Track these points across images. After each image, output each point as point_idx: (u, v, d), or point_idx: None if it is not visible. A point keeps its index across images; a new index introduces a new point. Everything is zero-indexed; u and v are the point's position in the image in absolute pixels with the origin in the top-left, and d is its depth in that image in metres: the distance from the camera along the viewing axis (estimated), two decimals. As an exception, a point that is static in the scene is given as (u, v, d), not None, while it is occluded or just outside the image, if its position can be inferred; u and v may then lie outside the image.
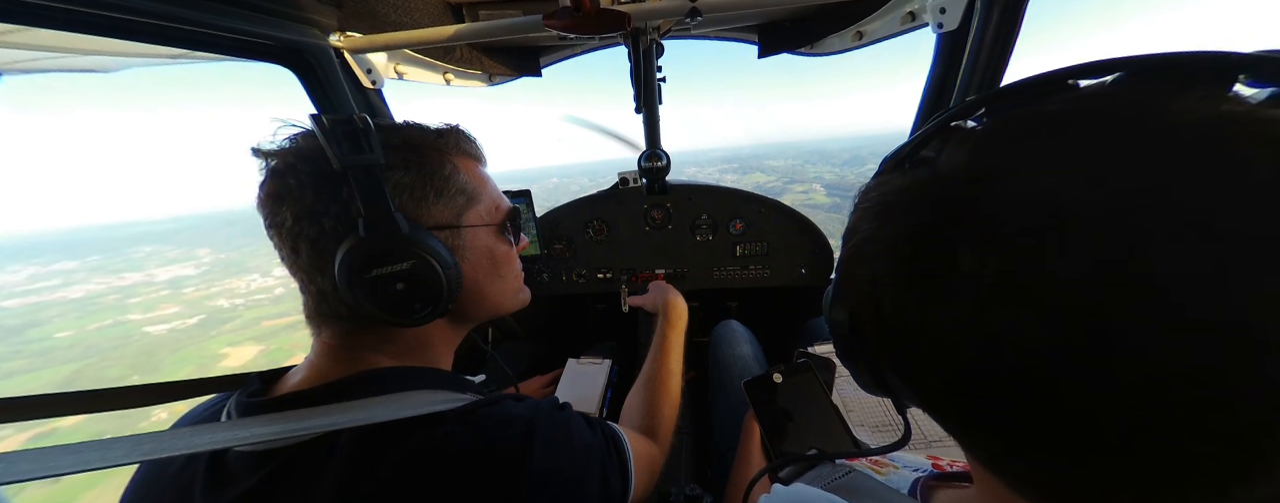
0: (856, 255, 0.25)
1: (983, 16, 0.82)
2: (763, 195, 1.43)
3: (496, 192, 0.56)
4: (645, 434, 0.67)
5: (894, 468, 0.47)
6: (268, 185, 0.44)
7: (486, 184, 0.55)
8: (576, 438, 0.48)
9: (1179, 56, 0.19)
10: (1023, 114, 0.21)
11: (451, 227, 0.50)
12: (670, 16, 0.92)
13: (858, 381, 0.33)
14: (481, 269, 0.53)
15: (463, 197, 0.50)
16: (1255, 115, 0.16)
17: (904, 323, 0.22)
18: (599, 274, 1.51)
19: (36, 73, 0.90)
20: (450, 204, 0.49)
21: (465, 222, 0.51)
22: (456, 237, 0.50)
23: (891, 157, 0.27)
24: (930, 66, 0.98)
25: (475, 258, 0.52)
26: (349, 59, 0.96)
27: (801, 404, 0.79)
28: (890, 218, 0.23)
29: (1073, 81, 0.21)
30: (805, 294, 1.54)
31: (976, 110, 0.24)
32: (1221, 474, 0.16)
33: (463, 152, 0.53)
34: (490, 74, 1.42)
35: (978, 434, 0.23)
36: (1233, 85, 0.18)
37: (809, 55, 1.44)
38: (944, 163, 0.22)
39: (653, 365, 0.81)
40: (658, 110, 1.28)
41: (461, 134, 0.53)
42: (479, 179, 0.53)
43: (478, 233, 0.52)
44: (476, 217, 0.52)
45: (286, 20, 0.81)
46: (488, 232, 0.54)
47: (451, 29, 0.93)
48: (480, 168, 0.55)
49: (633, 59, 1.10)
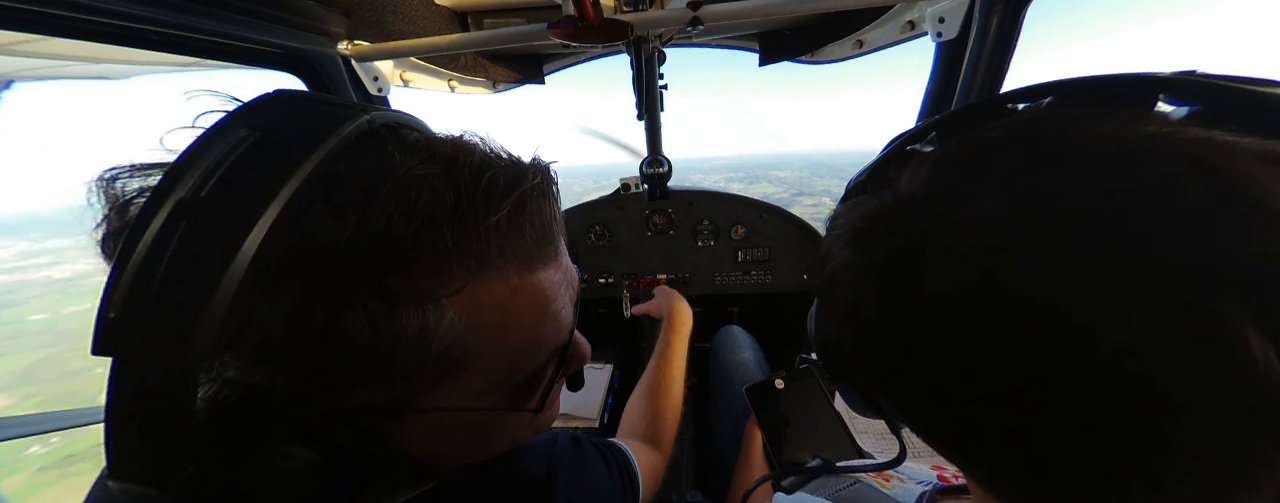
0: (833, 281, 0.26)
1: (981, 25, 0.83)
2: (764, 201, 1.44)
3: (550, 313, 0.32)
4: (647, 442, 0.67)
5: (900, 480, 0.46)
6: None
7: (531, 310, 0.31)
8: (597, 484, 0.44)
9: (1103, 79, 0.20)
10: (965, 141, 0.22)
11: (387, 411, 0.29)
12: (672, 26, 0.93)
13: (849, 402, 0.33)
14: (449, 445, 0.34)
15: (441, 365, 0.27)
16: (1178, 135, 0.17)
17: (885, 346, 0.23)
18: (601, 279, 1.51)
19: (48, 80, 0.92)
20: (397, 382, 0.27)
21: (433, 403, 0.29)
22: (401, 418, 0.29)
23: (857, 180, 0.28)
24: (929, 75, 0.99)
25: (430, 440, 0.32)
26: (355, 67, 0.97)
27: (804, 411, 0.79)
28: (862, 244, 0.24)
29: (1010, 106, 0.22)
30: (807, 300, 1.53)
31: (928, 135, 0.25)
32: (1199, 489, 0.17)
33: (507, 253, 0.28)
34: (494, 81, 1.43)
35: (967, 455, 0.23)
36: (1154, 105, 0.19)
37: (810, 63, 1.45)
38: (903, 188, 0.22)
39: (655, 372, 0.81)
40: (659, 117, 1.29)
41: (532, 202, 0.29)
42: (517, 309, 0.30)
43: (456, 413, 0.31)
44: (462, 389, 0.30)
45: (295, 29, 0.82)
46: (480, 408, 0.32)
47: (457, 37, 0.95)
48: (549, 275, 0.31)
49: (635, 67, 1.12)
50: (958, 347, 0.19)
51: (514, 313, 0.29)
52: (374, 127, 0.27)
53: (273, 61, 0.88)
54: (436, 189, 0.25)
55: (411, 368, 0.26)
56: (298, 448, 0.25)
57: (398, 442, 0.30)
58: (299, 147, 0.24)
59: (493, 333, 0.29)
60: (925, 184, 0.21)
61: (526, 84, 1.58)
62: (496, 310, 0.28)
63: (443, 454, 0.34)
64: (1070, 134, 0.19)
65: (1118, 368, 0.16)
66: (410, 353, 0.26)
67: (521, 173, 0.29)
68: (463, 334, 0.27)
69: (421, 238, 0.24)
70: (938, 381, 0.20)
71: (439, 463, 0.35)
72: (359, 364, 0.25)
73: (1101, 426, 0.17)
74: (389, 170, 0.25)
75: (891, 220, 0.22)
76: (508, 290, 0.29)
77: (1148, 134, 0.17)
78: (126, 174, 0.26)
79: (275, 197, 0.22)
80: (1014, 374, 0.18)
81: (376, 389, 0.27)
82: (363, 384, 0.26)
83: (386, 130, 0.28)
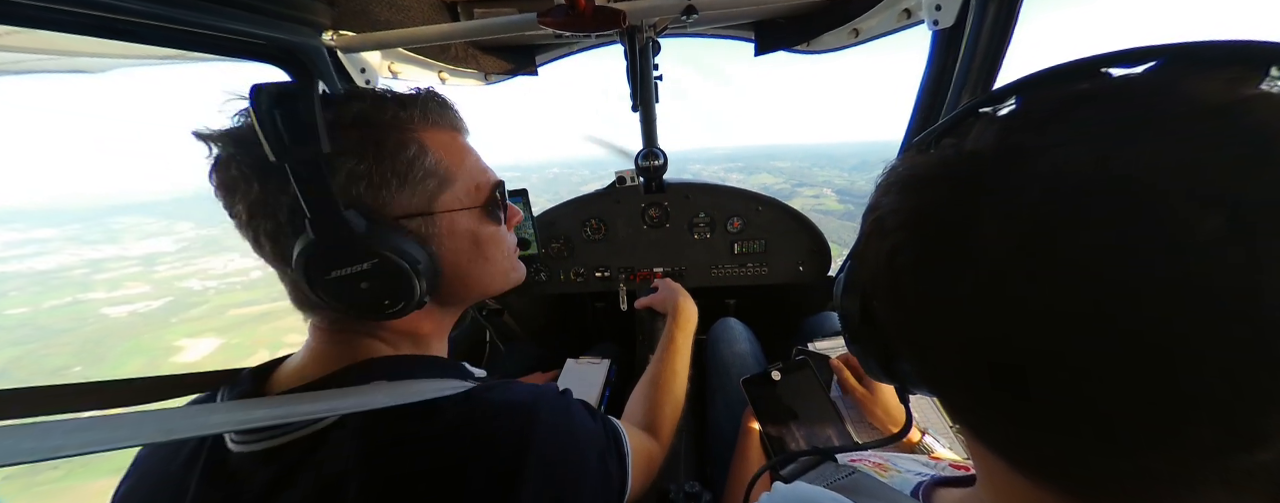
0: (876, 230, 0.25)
1: (978, 13, 0.82)
2: (760, 193, 1.43)
3: (478, 165, 0.51)
4: (646, 431, 0.67)
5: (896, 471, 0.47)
6: (215, 176, 0.41)
7: (465, 159, 0.49)
8: (578, 424, 0.48)
9: (1216, 45, 0.19)
10: (1052, 94, 0.21)
11: (423, 214, 0.45)
12: (666, 14, 0.91)
13: (864, 365, 0.33)
14: (464, 254, 0.49)
15: (433, 179, 0.45)
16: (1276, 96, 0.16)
17: (922, 296, 0.22)
18: (597, 273, 1.51)
19: (25, 74, 0.89)
20: (419, 190, 0.44)
21: (439, 207, 0.46)
22: (430, 224, 0.46)
23: (918, 140, 0.27)
24: (926, 64, 0.98)
25: (455, 244, 0.48)
26: (342, 58, 0.95)
27: (800, 402, 0.80)
28: (915, 190, 0.23)
29: (1105, 68, 0.21)
30: (803, 292, 1.54)
31: (1007, 98, 0.23)
32: (1233, 444, 0.16)
33: (433, 123, 0.47)
34: (486, 72, 1.41)
35: (990, 416, 0.23)
36: (1265, 75, 0.18)
37: (806, 53, 1.43)
38: (972, 140, 0.22)
39: (658, 365, 0.81)
40: (654, 108, 1.27)
41: (432, 101, 0.47)
42: (455, 155, 0.48)
43: (456, 217, 0.47)
44: (454, 199, 0.47)
45: (278, 19, 0.80)
46: (469, 214, 0.49)
47: (446, 27, 0.93)
48: (460, 139, 0.50)
49: (629, 57, 1.10)
50: (1008, 295, 0.18)
51: (457, 152, 0.49)
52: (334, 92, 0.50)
53: (255, 53, 0.86)
54: (395, 98, 0.46)
55: (423, 175, 0.45)
56: (389, 250, 0.42)
57: (437, 245, 0.46)
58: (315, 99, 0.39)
59: (454, 158, 0.48)
60: (997, 136, 0.21)
61: (519, 75, 1.55)
62: (447, 148, 0.47)
63: (462, 265, 0.49)
64: (1165, 89, 0.18)
65: (1199, 324, 0.15)
66: (418, 164, 0.44)
67: (425, 97, 0.48)
68: (439, 157, 0.46)
69: (401, 112, 0.45)
70: (975, 329, 0.20)
71: (462, 279, 0.50)
72: (400, 175, 0.43)
73: (1154, 378, 0.16)
74: (377, 100, 0.46)
75: (953, 169, 0.22)
76: (448, 138, 0.48)
77: (1251, 95, 0.17)
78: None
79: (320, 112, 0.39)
80: (1063, 326, 0.17)
81: (413, 193, 0.45)
82: (405, 187, 0.44)
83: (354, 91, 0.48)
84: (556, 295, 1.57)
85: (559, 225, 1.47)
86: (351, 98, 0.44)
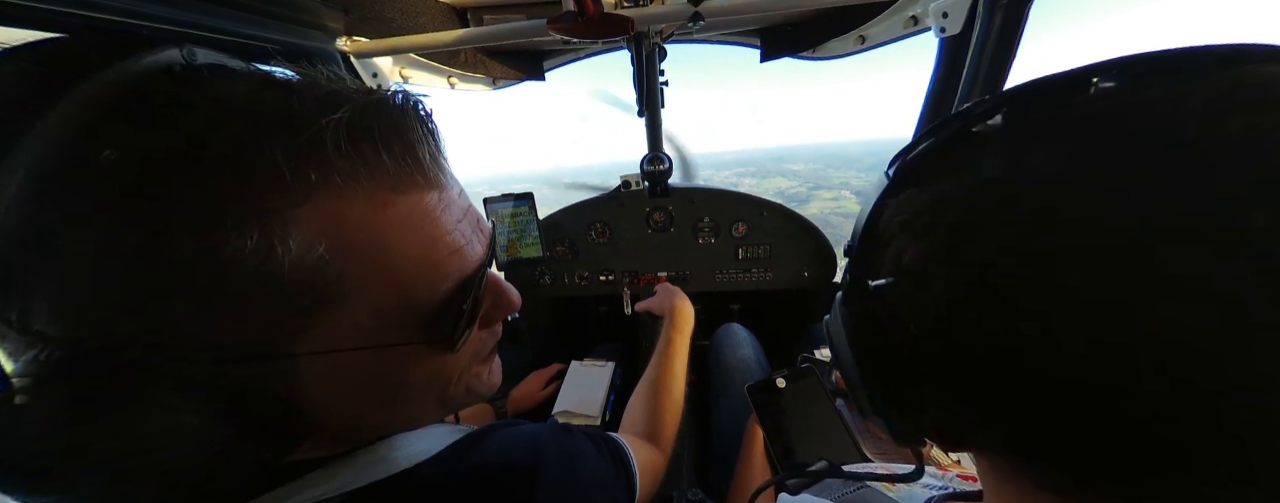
0: (913, 274, 0.22)
1: (985, 21, 0.82)
2: (765, 198, 1.44)
3: (429, 253, 0.30)
4: (648, 440, 0.67)
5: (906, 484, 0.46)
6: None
7: (403, 244, 0.28)
8: (589, 475, 0.41)
9: (1175, 53, 0.18)
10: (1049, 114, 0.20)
11: (263, 357, 0.25)
12: (672, 21, 0.92)
13: (870, 407, 0.28)
14: (361, 399, 0.31)
15: (308, 295, 0.25)
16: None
17: (991, 305, 0.20)
18: (601, 276, 1.51)
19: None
20: (262, 313, 0.24)
21: (304, 346, 0.26)
22: (279, 368, 0.26)
23: (943, 126, 0.25)
24: (933, 71, 0.98)
25: (338, 387, 0.29)
26: (355, 63, 0.97)
27: (805, 409, 0.79)
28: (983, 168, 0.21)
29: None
30: (808, 297, 1.54)
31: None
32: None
33: (352, 177, 0.25)
34: (494, 77, 1.43)
35: (1047, 454, 0.20)
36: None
37: (812, 59, 1.44)
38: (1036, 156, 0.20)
39: (656, 370, 0.81)
40: (660, 113, 1.28)
41: (368, 119, 0.26)
42: (383, 238, 0.27)
43: (343, 358, 0.27)
44: (345, 326, 0.27)
45: (293, 24, 0.82)
46: (379, 352, 0.29)
47: (456, 33, 0.94)
48: (415, 202, 0.29)
49: (635, 63, 1.11)
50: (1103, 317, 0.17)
51: (391, 235, 0.27)
52: (191, 60, 0.25)
53: (270, 59, 0.88)
54: (259, 100, 0.24)
55: (268, 297, 0.23)
56: (166, 407, 0.22)
57: (287, 392, 0.26)
58: (86, 72, 0.22)
59: (368, 256, 0.26)
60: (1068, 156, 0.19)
61: (527, 81, 1.57)
62: (364, 231, 0.26)
63: (355, 409, 0.31)
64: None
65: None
66: (259, 277, 0.23)
67: (370, 92, 0.27)
68: (327, 256, 0.24)
69: (245, 150, 0.22)
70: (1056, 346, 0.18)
71: (359, 421, 0.32)
72: (203, 295, 0.22)
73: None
74: (206, 89, 0.24)
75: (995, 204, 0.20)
76: (373, 209, 0.26)
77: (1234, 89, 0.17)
78: None
79: (41, 119, 0.20)
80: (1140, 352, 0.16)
81: (235, 326, 0.23)
82: (219, 320, 0.23)
83: (214, 67, 0.26)
84: (560, 298, 1.58)
85: (564, 228, 1.47)
86: (187, 87, 0.24)
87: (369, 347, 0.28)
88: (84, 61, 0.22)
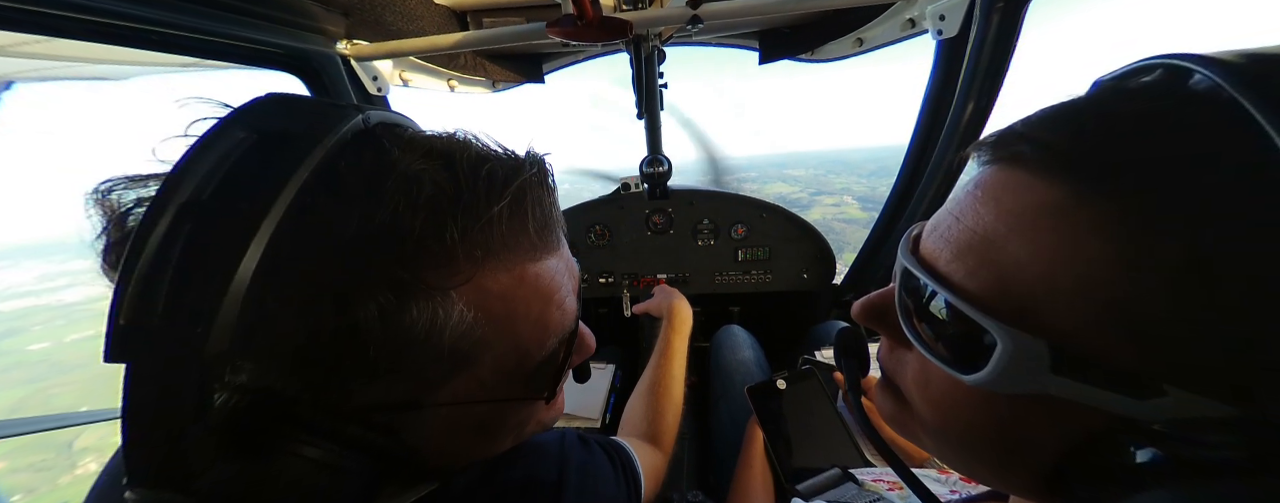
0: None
1: (982, 23, 0.82)
2: (764, 200, 1.44)
3: (542, 314, 0.32)
4: (648, 441, 0.67)
5: None
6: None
7: (525, 308, 0.30)
8: (603, 493, 0.44)
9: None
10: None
11: (403, 407, 0.28)
12: (671, 24, 0.93)
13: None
14: (460, 442, 0.33)
15: (445, 362, 0.28)
16: None
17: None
18: (601, 279, 1.51)
19: (50, 81, 0.92)
20: (407, 378, 0.27)
21: (439, 398, 0.29)
22: (410, 418, 0.29)
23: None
24: (930, 73, 0.99)
25: (445, 439, 0.32)
26: (355, 66, 0.97)
27: (806, 412, 0.79)
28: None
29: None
30: (808, 299, 1.54)
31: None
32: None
33: (501, 249, 0.28)
34: (494, 80, 1.43)
35: None
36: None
37: (810, 62, 1.45)
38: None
39: (655, 371, 0.81)
40: (659, 116, 1.28)
41: (532, 193, 0.29)
42: (510, 306, 0.29)
43: (463, 410, 0.31)
44: (470, 385, 0.30)
45: (295, 29, 0.82)
46: (491, 406, 0.32)
47: (456, 37, 0.95)
48: (533, 268, 0.30)
49: (635, 66, 1.11)
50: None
51: (520, 301, 0.30)
52: (369, 125, 0.28)
53: (271, 62, 0.88)
54: (437, 182, 0.25)
55: (424, 361, 0.27)
56: (312, 449, 0.24)
57: (413, 439, 0.29)
58: (298, 145, 0.24)
59: (501, 322, 0.29)
60: None
61: (526, 83, 1.58)
62: (503, 299, 0.29)
63: (456, 451, 0.34)
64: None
65: None
66: (422, 346, 0.26)
67: (518, 164, 0.29)
68: (472, 325, 0.27)
69: (427, 230, 0.25)
70: None
71: (451, 459, 0.34)
72: (372, 360, 0.24)
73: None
74: (389, 165, 0.25)
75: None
76: (513, 280, 0.29)
77: None
78: (121, 186, 0.27)
79: (278, 195, 0.22)
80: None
81: (390, 385, 0.27)
82: (376, 380, 0.26)
83: (382, 128, 0.29)
84: None
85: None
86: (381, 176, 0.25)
87: (485, 401, 0.31)
88: (291, 136, 0.25)
